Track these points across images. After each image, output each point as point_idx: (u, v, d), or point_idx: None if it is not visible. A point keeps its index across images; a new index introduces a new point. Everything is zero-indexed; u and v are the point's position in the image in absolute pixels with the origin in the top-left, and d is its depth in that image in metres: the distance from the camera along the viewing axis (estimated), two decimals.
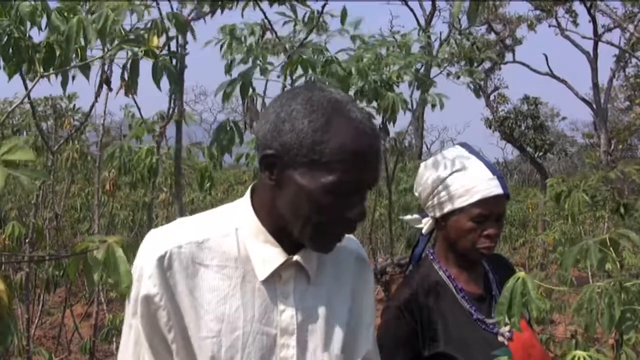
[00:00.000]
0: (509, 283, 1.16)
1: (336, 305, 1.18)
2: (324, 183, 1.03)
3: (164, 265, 1.06)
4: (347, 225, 1.08)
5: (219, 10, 2.19)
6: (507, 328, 1.57)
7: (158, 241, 1.09)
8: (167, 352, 1.07)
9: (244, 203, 1.15)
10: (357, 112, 1.07)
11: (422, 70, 3.33)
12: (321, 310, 1.15)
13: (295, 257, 1.12)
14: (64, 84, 1.95)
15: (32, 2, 1.77)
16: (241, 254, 1.11)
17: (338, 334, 1.16)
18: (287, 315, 1.11)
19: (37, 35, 1.89)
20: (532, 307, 1.14)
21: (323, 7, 2.37)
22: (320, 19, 2.43)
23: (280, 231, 1.11)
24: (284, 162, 1.06)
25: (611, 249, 1.25)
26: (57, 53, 1.88)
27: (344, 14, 2.48)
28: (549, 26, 16.97)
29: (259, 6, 2.32)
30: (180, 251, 1.07)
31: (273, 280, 1.11)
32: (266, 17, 2.37)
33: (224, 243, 1.11)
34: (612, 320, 1.16)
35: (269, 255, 1.10)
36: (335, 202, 1.05)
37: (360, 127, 1.06)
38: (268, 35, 2.49)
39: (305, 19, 2.43)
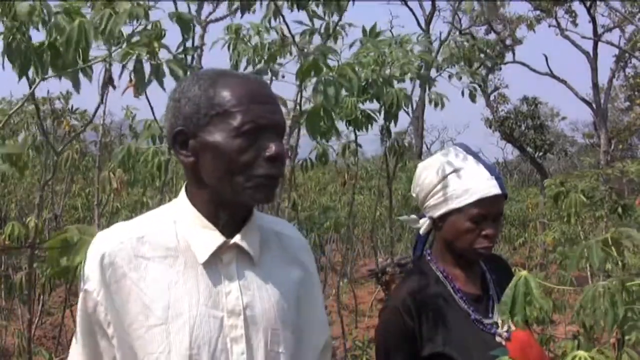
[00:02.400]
0: (512, 282, 1.16)
1: (284, 287, 1.20)
2: (229, 130, 1.10)
3: (104, 263, 1.11)
4: (269, 165, 1.11)
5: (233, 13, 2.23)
6: (505, 328, 1.58)
7: (100, 241, 1.15)
8: (109, 345, 1.13)
9: (180, 197, 1.20)
10: (240, 72, 1.22)
11: (423, 70, 3.34)
12: (268, 291, 1.17)
13: (234, 240, 1.15)
14: (75, 86, 1.95)
15: (31, 3, 1.77)
16: (181, 244, 1.15)
17: (289, 313, 1.19)
18: (233, 297, 1.14)
19: (39, 35, 1.90)
20: (535, 305, 1.14)
21: (338, 21, 2.42)
22: (337, 29, 2.47)
23: (216, 214, 1.15)
24: (193, 132, 1.12)
25: (613, 248, 1.25)
26: (61, 54, 1.88)
27: (369, 29, 2.54)
28: (549, 26, 16.98)
29: (279, 12, 2.35)
30: (121, 247, 1.12)
31: (215, 263, 1.15)
32: (286, 23, 2.40)
33: (163, 235, 1.15)
34: (616, 319, 1.16)
35: (207, 240, 1.14)
36: (246, 145, 1.10)
37: (243, 76, 1.16)
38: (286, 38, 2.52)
39: (322, 30, 2.48)
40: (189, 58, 2.01)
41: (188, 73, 1.89)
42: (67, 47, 1.73)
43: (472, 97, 3.29)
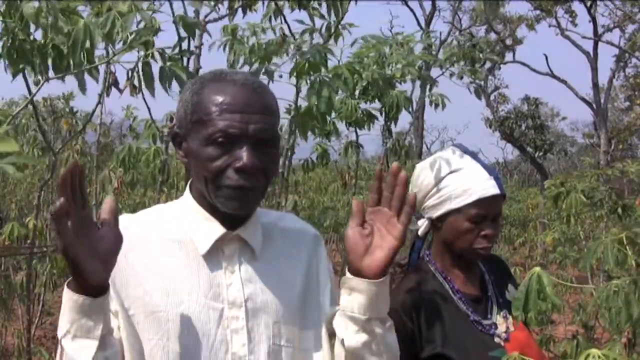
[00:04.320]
0: (525, 279, 1.16)
1: (288, 280, 1.20)
2: (201, 138, 1.10)
3: None
4: (238, 176, 1.09)
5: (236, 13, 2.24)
6: (504, 329, 1.58)
7: None
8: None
9: (186, 192, 1.22)
10: (237, 75, 1.14)
11: (423, 70, 3.34)
12: (271, 285, 1.18)
13: (236, 232, 1.16)
14: (81, 87, 1.96)
15: (37, 4, 1.77)
16: (184, 236, 1.17)
17: (293, 307, 1.19)
18: (234, 288, 1.15)
19: (40, 35, 1.90)
20: (548, 302, 1.14)
21: (339, 20, 2.43)
22: (338, 29, 2.49)
23: (214, 210, 1.16)
24: (183, 135, 1.15)
25: (628, 247, 1.25)
26: (64, 55, 1.89)
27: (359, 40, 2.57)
28: (549, 26, 16.96)
29: (280, 12, 2.36)
30: (125, 235, 1.12)
31: (217, 255, 1.16)
32: (286, 22, 2.41)
33: (167, 227, 1.18)
34: (630, 318, 1.16)
35: (208, 231, 1.16)
36: (217, 154, 1.09)
37: (232, 83, 1.12)
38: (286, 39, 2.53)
39: (323, 30, 2.50)
40: (185, 59, 2.03)
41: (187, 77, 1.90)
42: (74, 48, 1.74)
43: (478, 95, 3.31)
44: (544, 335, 4.13)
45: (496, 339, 1.56)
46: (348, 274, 1.13)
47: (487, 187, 1.57)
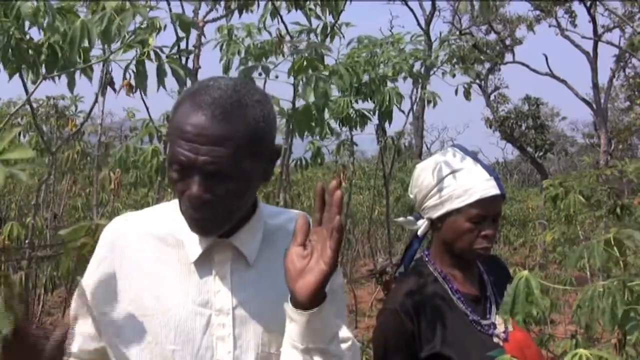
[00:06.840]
0: (513, 282, 1.16)
1: (283, 288, 1.14)
2: (166, 156, 1.10)
3: (106, 251, 1.17)
4: (189, 204, 1.07)
5: (234, 13, 2.25)
6: (502, 329, 1.58)
7: (106, 230, 1.20)
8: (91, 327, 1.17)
9: None
10: (214, 92, 1.06)
11: (422, 71, 3.34)
12: (265, 292, 1.16)
13: (229, 239, 1.15)
14: (70, 86, 1.95)
15: (35, 3, 1.77)
16: (176, 241, 1.16)
17: (284, 314, 1.14)
18: (223, 295, 1.14)
19: (37, 35, 1.90)
20: (535, 305, 1.14)
21: (336, 21, 2.44)
22: (335, 28, 2.49)
23: None
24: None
25: (615, 248, 1.26)
26: (60, 54, 1.88)
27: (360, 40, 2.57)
28: (549, 26, 16.96)
29: (278, 12, 2.36)
30: (120, 239, 1.16)
31: (208, 262, 1.15)
32: (283, 23, 2.41)
33: (160, 231, 1.17)
34: (615, 319, 1.16)
35: (199, 238, 1.15)
36: (177, 178, 1.07)
37: (199, 104, 1.05)
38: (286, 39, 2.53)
39: (319, 30, 2.50)
40: (184, 59, 2.03)
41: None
42: (71, 47, 1.73)
43: (467, 95, 3.30)
44: (544, 335, 4.12)
45: (495, 339, 1.56)
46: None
47: (488, 187, 1.58)
